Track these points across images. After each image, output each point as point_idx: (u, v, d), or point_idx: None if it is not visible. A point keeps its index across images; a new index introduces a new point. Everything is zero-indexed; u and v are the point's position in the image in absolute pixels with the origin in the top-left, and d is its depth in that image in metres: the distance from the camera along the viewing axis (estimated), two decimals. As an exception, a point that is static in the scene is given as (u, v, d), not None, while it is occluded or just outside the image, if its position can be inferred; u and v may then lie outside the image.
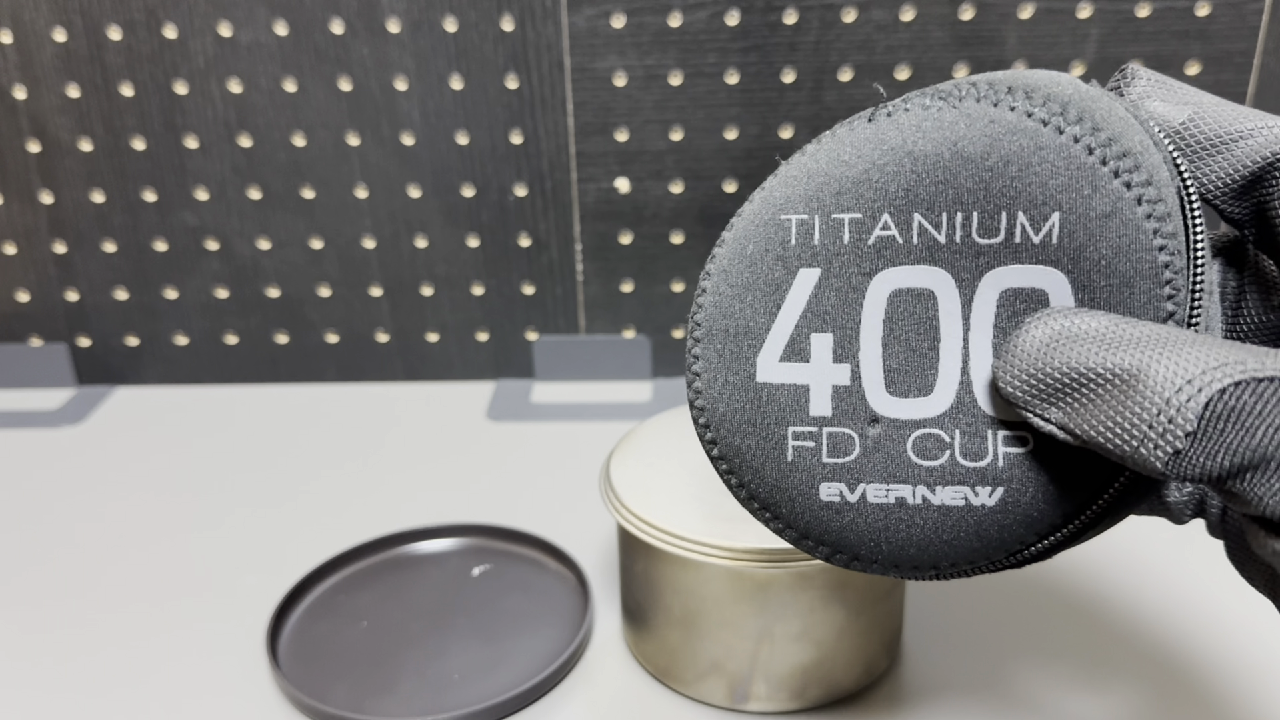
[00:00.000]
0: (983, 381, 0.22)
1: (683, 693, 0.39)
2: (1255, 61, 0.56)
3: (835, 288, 0.23)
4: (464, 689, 0.39)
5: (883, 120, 0.22)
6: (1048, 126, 0.21)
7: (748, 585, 0.36)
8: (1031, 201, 0.21)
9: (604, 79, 0.57)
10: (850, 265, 0.23)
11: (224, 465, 0.56)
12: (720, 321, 0.25)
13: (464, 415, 0.61)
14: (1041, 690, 0.39)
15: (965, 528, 0.23)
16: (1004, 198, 0.21)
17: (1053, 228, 0.21)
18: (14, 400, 0.64)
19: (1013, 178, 0.21)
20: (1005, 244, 0.21)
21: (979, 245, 0.22)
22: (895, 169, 0.22)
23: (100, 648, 0.42)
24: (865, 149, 0.22)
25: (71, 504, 0.53)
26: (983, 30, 0.55)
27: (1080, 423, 0.19)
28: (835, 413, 0.24)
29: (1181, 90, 0.23)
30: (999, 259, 0.21)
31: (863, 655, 0.38)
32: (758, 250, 0.24)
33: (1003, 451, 0.22)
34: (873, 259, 0.23)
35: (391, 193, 0.60)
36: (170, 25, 0.57)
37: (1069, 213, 0.21)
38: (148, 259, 0.62)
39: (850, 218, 0.23)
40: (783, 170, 0.23)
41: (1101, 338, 0.19)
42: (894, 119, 0.22)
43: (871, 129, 0.22)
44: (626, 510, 0.37)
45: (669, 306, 0.63)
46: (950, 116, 0.21)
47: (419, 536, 0.47)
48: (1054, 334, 0.19)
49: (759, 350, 0.24)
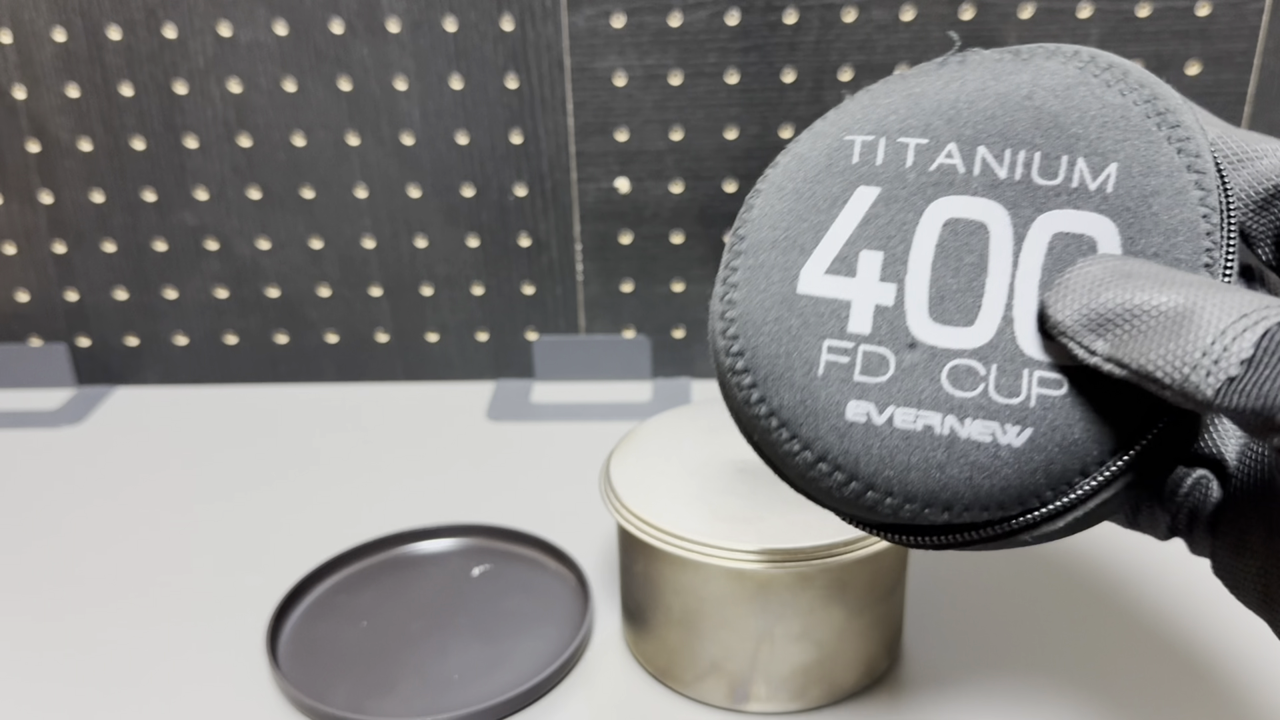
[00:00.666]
0: (1025, 320, 0.22)
1: (683, 693, 0.39)
2: (1255, 61, 0.56)
3: (892, 209, 0.23)
4: (464, 689, 0.39)
5: (954, 65, 0.23)
6: (1111, 88, 0.22)
7: (748, 585, 0.36)
8: (1092, 149, 0.22)
9: (604, 79, 0.57)
10: (910, 188, 0.23)
11: (224, 465, 0.56)
12: (768, 233, 0.24)
13: (464, 415, 0.61)
14: (1041, 690, 0.39)
15: (987, 467, 0.22)
16: (1066, 142, 0.22)
17: (1109, 176, 0.22)
18: (14, 400, 0.64)
19: (1075, 124, 0.22)
20: (1062, 187, 0.22)
21: (1037, 185, 0.22)
22: (966, 104, 0.23)
23: (100, 647, 0.42)
24: (936, 85, 0.23)
25: (71, 504, 0.53)
26: (983, 30, 0.55)
27: (1130, 353, 0.19)
28: (874, 331, 0.23)
29: (1204, 113, 0.24)
30: (1055, 202, 0.22)
31: (863, 655, 0.38)
32: (817, 166, 0.24)
33: (1036, 392, 0.22)
34: (933, 185, 0.23)
35: (391, 193, 0.60)
36: (170, 25, 0.57)
37: (1126, 164, 0.22)
38: (147, 259, 0.62)
39: (916, 142, 0.23)
40: (847, 102, 0.24)
41: (1154, 278, 0.19)
42: (966, 64, 0.23)
43: (943, 70, 0.23)
44: (626, 510, 0.37)
45: (669, 306, 0.63)
46: (1020, 67, 0.23)
47: (419, 536, 0.47)
48: (1108, 270, 0.20)
49: (805, 261, 0.24)
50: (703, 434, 0.41)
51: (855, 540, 0.35)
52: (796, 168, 0.24)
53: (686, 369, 0.64)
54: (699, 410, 0.43)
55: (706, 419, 0.42)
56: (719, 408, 0.43)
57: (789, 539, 0.35)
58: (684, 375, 0.64)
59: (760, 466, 0.33)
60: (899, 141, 0.23)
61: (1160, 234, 0.21)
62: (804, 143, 0.24)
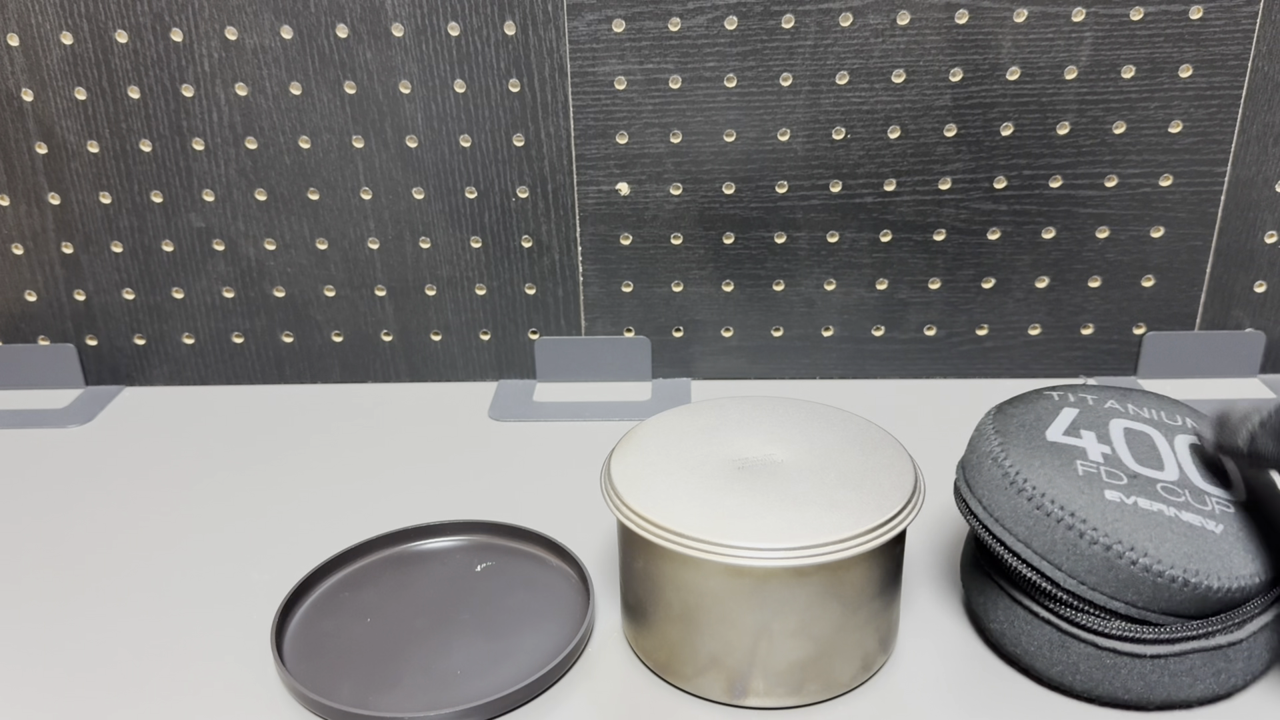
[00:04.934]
0: (1193, 470, 0.37)
1: (682, 688, 0.39)
2: (1248, 65, 0.56)
3: (1088, 419, 0.40)
4: (467, 684, 0.39)
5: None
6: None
7: (746, 581, 0.36)
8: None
9: (604, 83, 0.58)
10: (1094, 412, 0.40)
11: (230, 464, 0.57)
12: (1014, 429, 0.39)
13: (467, 415, 0.61)
14: (1034, 686, 0.39)
15: (1203, 542, 0.34)
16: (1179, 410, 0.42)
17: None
18: (22, 400, 0.64)
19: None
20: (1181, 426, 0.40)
21: (1168, 424, 0.40)
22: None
23: (106, 644, 0.43)
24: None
25: (79, 502, 0.53)
26: (977, 35, 0.56)
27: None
28: (1105, 462, 0.37)
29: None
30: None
31: (860, 651, 0.38)
32: (1029, 405, 0.41)
33: (1217, 507, 0.36)
34: (1108, 414, 0.40)
35: (395, 195, 0.61)
36: (176, 29, 0.57)
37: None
38: (154, 260, 0.63)
39: (1091, 396, 0.41)
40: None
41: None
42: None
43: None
44: (626, 507, 0.37)
45: (669, 307, 0.63)
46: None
47: (423, 534, 0.48)
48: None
49: (1046, 430, 0.39)
50: (702, 433, 0.42)
51: (851, 537, 0.35)
52: (1016, 411, 0.41)
53: (686, 369, 0.65)
54: (699, 410, 0.44)
55: (706, 418, 0.43)
56: (718, 407, 0.44)
57: (786, 536, 0.35)
58: (684, 375, 0.65)
59: (758, 465, 0.37)
60: (1079, 394, 0.41)
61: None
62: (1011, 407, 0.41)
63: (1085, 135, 0.58)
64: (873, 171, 0.59)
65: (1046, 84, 0.57)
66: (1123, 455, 0.38)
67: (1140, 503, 0.35)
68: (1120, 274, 0.61)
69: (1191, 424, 0.40)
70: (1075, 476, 0.36)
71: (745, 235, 0.61)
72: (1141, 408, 0.41)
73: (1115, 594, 0.34)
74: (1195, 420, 0.40)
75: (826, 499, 0.37)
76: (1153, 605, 0.34)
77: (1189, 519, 0.35)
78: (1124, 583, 0.34)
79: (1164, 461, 0.38)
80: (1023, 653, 0.38)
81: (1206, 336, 0.63)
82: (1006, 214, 0.60)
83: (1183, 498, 0.36)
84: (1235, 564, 0.34)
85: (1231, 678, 0.36)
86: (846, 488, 0.38)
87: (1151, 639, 0.34)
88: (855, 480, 0.38)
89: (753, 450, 0.40)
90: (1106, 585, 0.34)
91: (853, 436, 0.41)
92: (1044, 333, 0.63)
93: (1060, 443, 0.38)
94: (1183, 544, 0.34)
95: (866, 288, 0.62)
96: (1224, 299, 0.62)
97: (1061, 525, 0.35)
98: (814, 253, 0.62)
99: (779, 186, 0.60)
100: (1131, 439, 0.38)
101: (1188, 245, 0.61)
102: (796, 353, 0.64)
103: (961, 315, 0.63)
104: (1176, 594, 0.34)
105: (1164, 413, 0.41)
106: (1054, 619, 0.36)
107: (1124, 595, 0.34)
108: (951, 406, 0.61)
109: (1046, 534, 0.35)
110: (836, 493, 0.37)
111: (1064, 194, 0.60)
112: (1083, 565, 0.35)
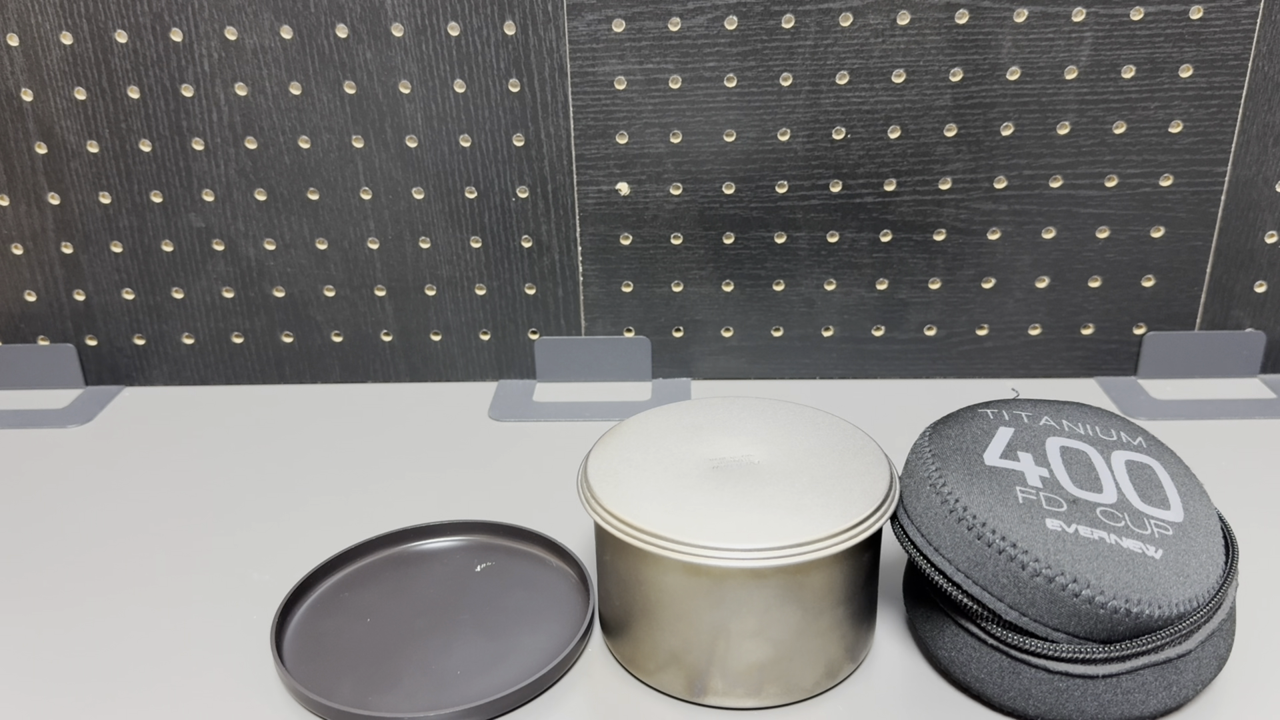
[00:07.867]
0: (1131, 492, 0.37)
1: (645, 683, 0.39)
2: (1248, 65, 0.56)
3: (1024, 438, 0.39)
4: (467, 684, 0.39)
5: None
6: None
7: (703, 580, 0.36)
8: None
9: (604, 83, 0.58)
10: (1030, 431, 0.40)
11: (230, 464, 0.57)
12: (950, 451, 0.39)
13: (466, 415, 0.61)
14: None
15: (1144, 570, 0.34)
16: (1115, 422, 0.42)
17: (1141, 444, 0.41)
18: (22, 400, 0.64)
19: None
20: (1118, 441, 0.40)
21: (1105, 440, 0.40)
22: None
23: (106, 644, 0.43)
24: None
25: (79, 502, 0.53)
26: (978, 34, 0.56)
27: None
28: (1044, 487, 0.37)
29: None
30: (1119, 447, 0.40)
31: (822, 657, 0.38)
32: (964, 425, 0.40)
33: (1156, 530, 0.36)
34: (1044, 432, 0.40)
35: (395, 195, 0.61)
36: (176, 29, 0.57)
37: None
38: (154, 260, 0.63)
39: (1025, 413, 0.41)
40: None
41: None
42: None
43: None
44: (595, 501, 0.38)
45: (669, 307, 0.63)
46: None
47: (422, 534, 0.48)
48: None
49: (983, 452, 0.39)
50: (685, 431, 0.42)
51: (810, 541, 0.35)
52: (949, 428, 0.41)
53: (686, 369, 0.65)
54: (687, 408, 0.44)
55: (692, 417, 0.43)
56: (707, 407, 0.44)
57: (745, 537, 0.35)
58: (684, 375, 0.65)
59: (734, 466, 0.40)
60: (1014, 411, 0.41)
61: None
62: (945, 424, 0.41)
63: (1085, 135, 0.58)
64: (873, 171, 0.59)
65: (1047, 84, 0.57)
66: (1061, 478, 0.37)
67: (1081, 531, 0.35)
68: (1120, 274, 0.61)
69: (1126, 438, 0.40)
70: (1016, 504, 0.36)
71: (745, 235, 0.61)
72: (1076, 423, 0.40)
73: (1059, 625, 0.34)
74: (1129, 434, 0.40)
75: (793, 502, 0.37)
76: (1095, 635, 0.34)
77: (1129, 546, 0.35)
78: (1066, 615, 0.34)
79: (1102, 483, 0.37)
80: (973, 680, 0.37)
81: (1207, 336, 0.63)
82: (1006, 214, 0.60)
83: (1122, 522, 0.36)
84: (1174, 591, 0.34)
85: (1183, 689, 0.35)
86: (815, 492, 0.37)
87: (1102, 658, 0.34)
88: (827, 485, 0.38)
89: (732, 451, 0.40)
90: (1050, 617, 0.34)
91: (834, 441, 0.41)
92: (1044, 333, 0.63)
93: (999, 467, 0.37)
94: (1123, 573, 0.34)
95: (866, 288, 0.62)
96: (1224, 299, 0.62)
97: (1003, 556, 0.35)
98: (814, 253, 0.62)
99: (779, 186, 0.60)
100: (1069, 459, 0.38)
101: (1188, 245, 0.61)
102: (796, 353, 0.64)
103: (961, 315, 0.63)
104: (1119, 623, 0.34)
105: (1098, 428, 0.40)
106: (1002, 646, 0.36)
107: (1067, 626, 0.34)
108: (951, 407, 0.61)
109: (988, 564, 0.35)
110: (804, 497, 0.37)
111: (1064, 194, 0.60)
112: (1025, 598, 0.34)
